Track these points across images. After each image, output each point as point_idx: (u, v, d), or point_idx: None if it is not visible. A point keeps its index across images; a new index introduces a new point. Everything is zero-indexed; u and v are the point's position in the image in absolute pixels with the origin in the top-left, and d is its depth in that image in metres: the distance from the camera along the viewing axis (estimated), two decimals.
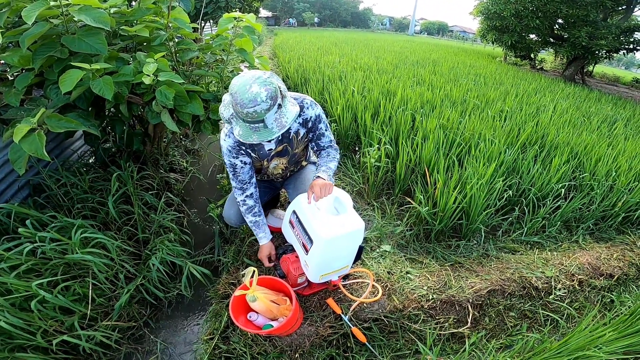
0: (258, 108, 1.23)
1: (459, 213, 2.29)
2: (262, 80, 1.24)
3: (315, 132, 1.66)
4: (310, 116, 1.59)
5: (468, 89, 5.26)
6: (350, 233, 1.50)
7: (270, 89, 1.24)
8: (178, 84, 1.80)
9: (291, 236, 1.75)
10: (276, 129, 1.31)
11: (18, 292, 1.42)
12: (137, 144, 2.34)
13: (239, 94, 1.23)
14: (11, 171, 1.93)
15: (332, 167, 1.65)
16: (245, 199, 1.72)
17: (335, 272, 1.68)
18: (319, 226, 1.46)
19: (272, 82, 1.27)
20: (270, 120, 1.29)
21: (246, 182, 1.68)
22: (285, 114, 1.34)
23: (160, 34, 1.99)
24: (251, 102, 1.22)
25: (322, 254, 1.49)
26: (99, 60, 1.62)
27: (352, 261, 1.70)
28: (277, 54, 9.56)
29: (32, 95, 1.83)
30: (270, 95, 1.24)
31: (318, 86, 4.77)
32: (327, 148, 1.72)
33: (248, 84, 1.22)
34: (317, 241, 1.47)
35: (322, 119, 1.64)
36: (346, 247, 1.58)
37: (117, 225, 2.05)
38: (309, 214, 1.52)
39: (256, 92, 1.22)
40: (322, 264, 1.56)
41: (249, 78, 1.24)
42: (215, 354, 1.64)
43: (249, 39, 2.19)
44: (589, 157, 3.16)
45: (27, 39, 1.43)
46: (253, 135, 1.31)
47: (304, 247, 1.58)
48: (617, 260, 2.38)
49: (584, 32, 9.72)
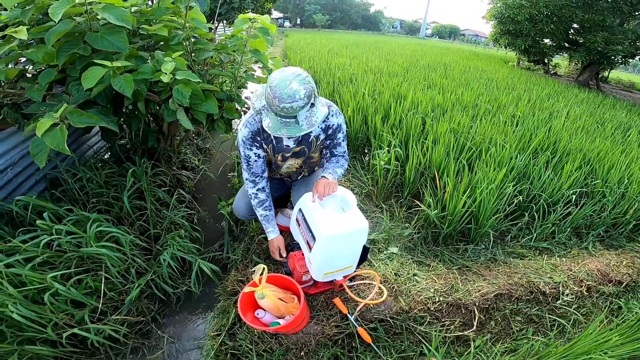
0: (295, 105, 1.28)
1: (467, 217, 2.29)
2: (302, 79, 1.29)
3: (333, 140, 1.70)
4: (333, 124, 1.64)
5: (480, 93, 5.23)
6: (354, 232, 1.51)
7: (308, 87, 1.29)
8: (194, 83, 1.84)
9: (297, 234, 1.77)
10: (305, 127, 1.35)
11: (32, 284, 1.45)
12: (152, 141, 2.39)
13: (279, 89, 1.27)
14: (29, 165, 1.99)
15: (338, 172, 1.69)
16: (257, 192, 1.74)
17: (339, 272, 1.68)
18: (322, 224, 1.47)
19: (310, 82, 1.32)
20: (302, 117, 1.34)
21: (258, 175, 1.71)
22: (315, 114, 1.38)
23: (178, 33, 2.03)
24: (289, 97, 1.26)
25: (325, 251, 1.50)
26: (120, 58, 1.66)
27: (356, 261, 1.70)
28: (288, 55, 9.61)
29: (53, 92, 1.88)
30: (307, 94, 1.29)
31: (329, 88, 4.79)
32: (339, 156, 1.76)
33: (288, 80, 1.27)
34: (320, 238, 1.48)
35: (342, 129, 1.68)
36: (349, 246, 1.58)
37: (130, 221, 2.10)
38: (314, 212, 1.54)
39: (295, 89, 1.26)
40: (325, 262, 1.57)
41: (289, 74, 1.29)
42: (222, 350, 1.66)
43: (263, 40, 2.22)
44: (601, 164, 3.12)
45: (52, 36, 1.46)
46: (282, 129, 1.35)
47: (308, 245, 1.60)
48: (627, 267, 2.36)
49: (599, 37, 9.57)
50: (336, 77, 5.38)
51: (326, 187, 1.54)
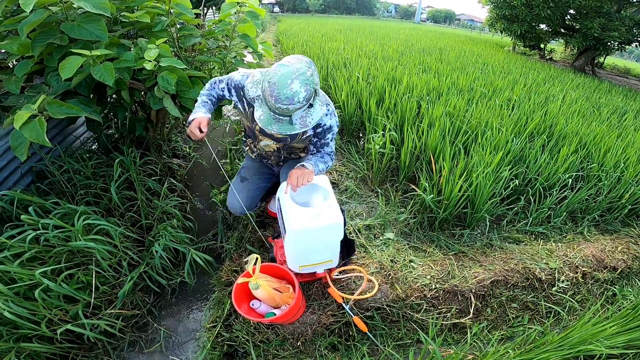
0: (292, 107, 1.20)
1: (464, 201, 2.27)
2: (305, 78, 1.19)
3: (321, 139, 1.63)
4: (325, 124, 1.57)
5: (475, 77, 5.17)
6: (326, 227, 1.45)
7: (309, 89, 1.21)
8: (180, 70, 1.78)
9: (280, 221, 1.73)
10: (298, 127, 1.28)
11: (22, 280, 1.41)
12: (139, 129, 2.33)
13: (278, 87, 1.18)
14: (13, 158, 1.93)
15: (319, 167, 1.60)
16: (211, 91, 1.66)
17: (318, 265, 1.64)
18: (292, 217, 1.43)
19: (313, 81, 1.22)
20: (297, 117, 1.26)
21: (212, 96, 1.64)
22: (312, 114, 1.30)
23: (162, 20, 1.96)
24: (288, 99, 1.18)
25: (295, 244, 1.47)
26: (100, 47, 1.60)
27: (336, 256, 1.65)
28: (281, 40, 9.45)
29: (33, 83, 1.81)
30: (307, 97, 1.21)
31: (322, 72, 4.72)
32: (325, 154, 1.67)
33: (290, 79, 1.17)
34: (288, 232, 1.45)
35: (333, 131, 1.61)
36: (323, 241, 1.53)
37: (120, 212, 2.05)
38: (286, 204, 1.50)
39: (295, 91, 1.17)
40: (298, 254, 1.53)
41: (292, 71, 1.18)
42: (218, 342, 1.65)
43: (252, 24, 2.15)
44: (597, 148, 3.11)
45: (25, 27, 1.41)
46: (274, 125, 1.27)
47: (283, 235, 1.57)
48: (622, 253, 2.36)
49: (596, 24, 9.52)
50: (330, 61, 5.28)
51: (300, 177, 1.46)
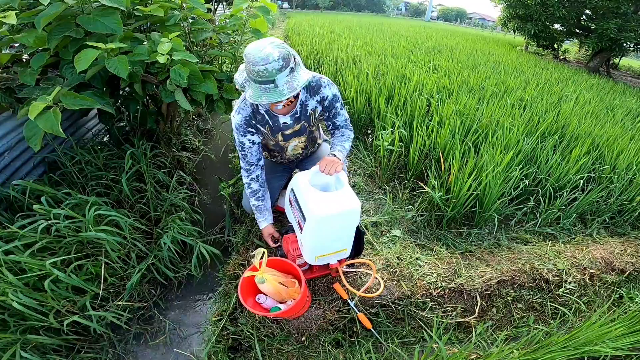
0: (269, 66, 1.25)
1: (472, 200, 2.25)
2: (277, 44, 1.27)
3: (332, 110, 1.68)
4: (328, 95, 1.61)
5: (486, 76, 5.10)
6: (345, 212, 1.45)
7: (282, 51, 1.27)
8: (192, 63, 1.80)
9: (290, 215, 1.73)
10: (286, 91, 1.31)
11: (32, 271, 1.43)
12: (150, 122, 2.36)
13: (252, 54, 1.25)
14: (27, 149, 1.96)
15: (346, 147, 1.68)
16: (250, 182, 1.73)
17: (332, 255, 1.63)
18: (312, 203, 1.43)
19: (285, 47, 1.29)
20: (282, 81, 1.30)
21: (253, 164, 1.69)
22: (297, 78, 1.34)
23: (175, 13, 1.97)
24: (263, 60, 1.24)
25: (316, 232, 1.46)
26: (114, 40, 1.62)
27: (350, 244, 1.64)
28: (290, 37, 9.42)
29: (48, 75, 1.84)
30: (282, 56, 1.26)
31: (331, 69, 4.70)
32: (342, 128, 1.74)
33: (263, 46, 1.26)
34: (310, 219, 1.44)
35: (339, 98, 1.66)
36: (341, 228, 1.53)
37: (129, 203, 2.08)
38: (304, 192, 1.49)
39: (268, 52, 1.24)
40: (317, 243, 1.53)
41: (264, 41, 1.28)
42: (223, 336, 1.66)
43: (264, 19, 2.15)
44: (610, 150, 3.06)
45: (42, 20, 1.43)
46: (263, 95, 1.32)
47: (300, 226, 1.56)
48: (630, 255, 2.33)
49: (612, 24, 9.33)
50: (339, 58, 5.26)
51: (329, 165, 1.50)
